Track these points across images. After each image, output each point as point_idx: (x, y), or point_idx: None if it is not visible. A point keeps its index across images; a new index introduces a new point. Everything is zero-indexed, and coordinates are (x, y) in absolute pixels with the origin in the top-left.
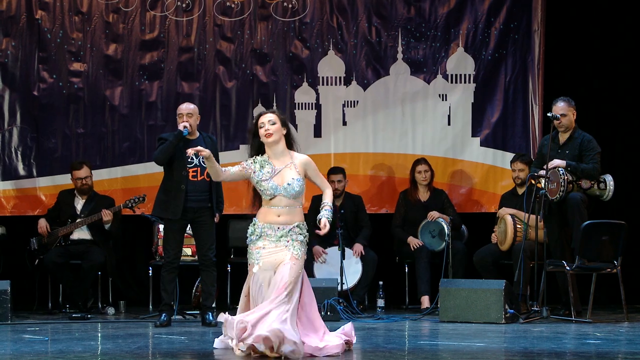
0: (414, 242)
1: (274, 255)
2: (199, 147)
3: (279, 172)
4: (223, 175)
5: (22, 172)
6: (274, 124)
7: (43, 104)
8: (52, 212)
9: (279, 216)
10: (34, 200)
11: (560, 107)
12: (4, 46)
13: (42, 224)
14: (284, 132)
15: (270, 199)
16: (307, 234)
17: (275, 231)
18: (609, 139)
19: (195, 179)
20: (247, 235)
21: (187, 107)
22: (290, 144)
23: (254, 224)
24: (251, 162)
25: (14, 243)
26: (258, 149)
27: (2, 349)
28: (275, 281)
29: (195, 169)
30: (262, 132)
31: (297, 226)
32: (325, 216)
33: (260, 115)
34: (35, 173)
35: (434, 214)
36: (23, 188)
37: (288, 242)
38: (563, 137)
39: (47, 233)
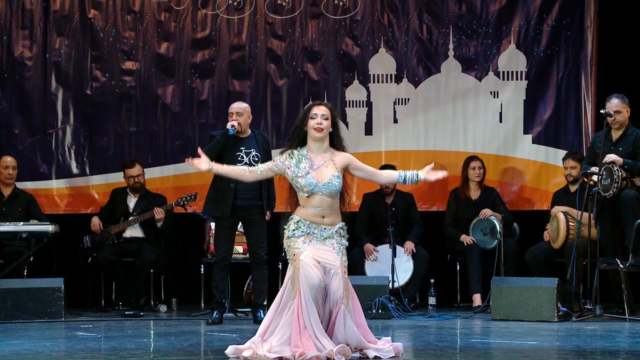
0: (467, 239)
1: (321, 251)
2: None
3: (318, 168)
4: (248, 175)
5: (75, 170)
6: (327, 118)
7: (96, 103)
8: (105, 210)
9: (323, 217)
10: (87, 199)
11: (614, 104)
12: (57, 45)
13: (95, 222)
14: (331, 129)
15: (308, 197)
16: (347, 235)
17: (322, 231)
18: None
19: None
20: (289, 230)
21: (237, 106)
22: (334, 143)
23: (298, 221)
24: (285, 158)
25: (68, 241)
26: (301, 140)
27: (56, 345)
28: (330, 293)
29: (245, 167)
30: (312, 123)
31: (341, 228)
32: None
33: (313, 105)
34: (88, 171)
35: (486, 212)
36: (76, 186)
37: (334, 244)
38: (616, 134)
39: (100, 231)
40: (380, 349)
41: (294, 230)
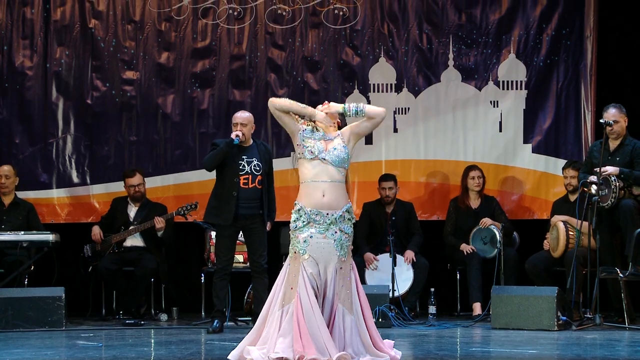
0: (466, 248)
1: (321, 248)
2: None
3: (329, 140)
4: (286, 104)
5: (75, 179)
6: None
7: (96, 112)
8: (105, 220)
9: (323, 195)
10: (88, 208)
11: (611, 113)
12: (58, 55)
13: (96, 231)
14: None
15: (311, 162)
16: (354, 217)
17: (324, 217)
18: None
19: (247, 187)
20: (292, 220)
21: (241, 116)
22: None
23: (299, 209)
24: (304, 122)
25: (68, 250)
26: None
27: (56, 354)
28: (327, 293)
29: (247, 176)
30: (319, 107)
31: (346, 211)
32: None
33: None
34: (88, 181)
35: (486, 221)
36: (77, 195)
37: (336, 233)
38: (614, 144)
39: (100, 240)
40: (376, 358)
41: (295, 221)
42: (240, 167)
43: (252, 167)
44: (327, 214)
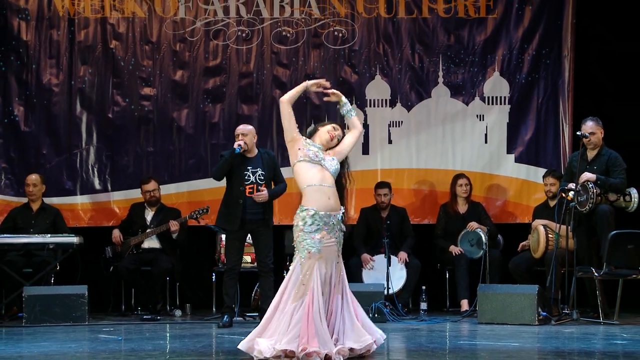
0: (455, 249)
1: (330, 248)
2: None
3: (325, 153)
4: (290, 98)
5: (97, 187)
6: (339, 140)
7: (117, 125)
8: (124, 223)
9: (329, 198)
10: (109, 213)
11: (589, 126)
12: (81, 73)
13: (116, 234)
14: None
15: (313, 165)
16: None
17: (332, 219)
18: (632, 154)
19: (252, 194)
20: (305, 222)
21: (242, 128)
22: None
23: (313, 214)
24: (304, 137)
25: (91, 252)
26: (310, 134)
27: (80, 347)
28: (331, 283)
29: (252, 185)
30: (329, 127)
31: (343, 213)
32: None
33: (334, 125)
34: (109, 188)
35: (473, 225)
36: (98, 201)
37: (337, 232)
38: (591, 154)
39: (120, 242)
40: (358, 341)
41: (310, 224)
42: (246, 177)
43: (257, 176)
44: (334, 215)
